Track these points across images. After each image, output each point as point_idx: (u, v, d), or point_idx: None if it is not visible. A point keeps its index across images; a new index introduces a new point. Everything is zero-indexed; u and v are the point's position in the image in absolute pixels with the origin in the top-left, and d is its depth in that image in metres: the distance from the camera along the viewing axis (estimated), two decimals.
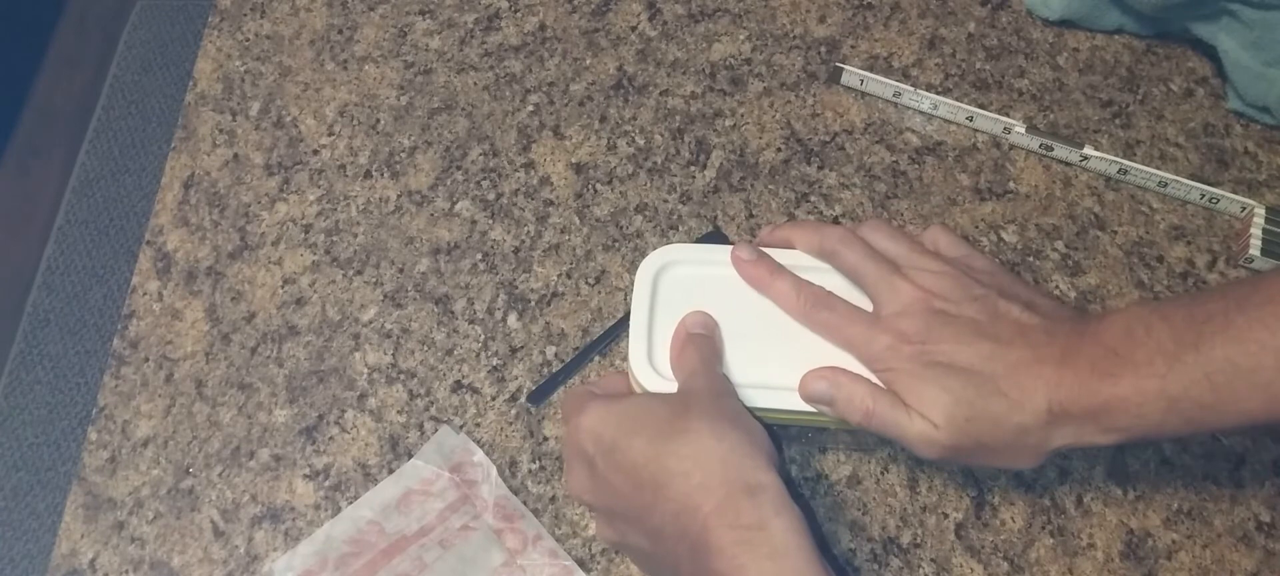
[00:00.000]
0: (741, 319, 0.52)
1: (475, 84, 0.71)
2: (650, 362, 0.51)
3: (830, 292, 0.50)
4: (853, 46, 0.71)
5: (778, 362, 0.51)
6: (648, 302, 0.53)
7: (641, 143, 0.68)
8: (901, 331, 0.47)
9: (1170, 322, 0.43)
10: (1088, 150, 0.64)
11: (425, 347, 0.61)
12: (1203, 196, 0.63)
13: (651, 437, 0.44)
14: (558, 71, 0.71)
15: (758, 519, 0.41)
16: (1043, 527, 0.54)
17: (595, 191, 0.66)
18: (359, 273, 0.64)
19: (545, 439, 0.58)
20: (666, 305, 0.53)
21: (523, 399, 0.59)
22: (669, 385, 0.50)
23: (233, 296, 0.64)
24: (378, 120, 0.70)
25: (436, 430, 0.58)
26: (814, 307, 0.50)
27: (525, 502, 0.56)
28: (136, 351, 0.62)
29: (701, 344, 0.50)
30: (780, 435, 0.56)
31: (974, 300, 0.47)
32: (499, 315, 0.62)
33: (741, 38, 0.72)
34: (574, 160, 0.67)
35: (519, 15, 0.73)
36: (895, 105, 0.68)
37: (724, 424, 0.44)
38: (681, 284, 0.54)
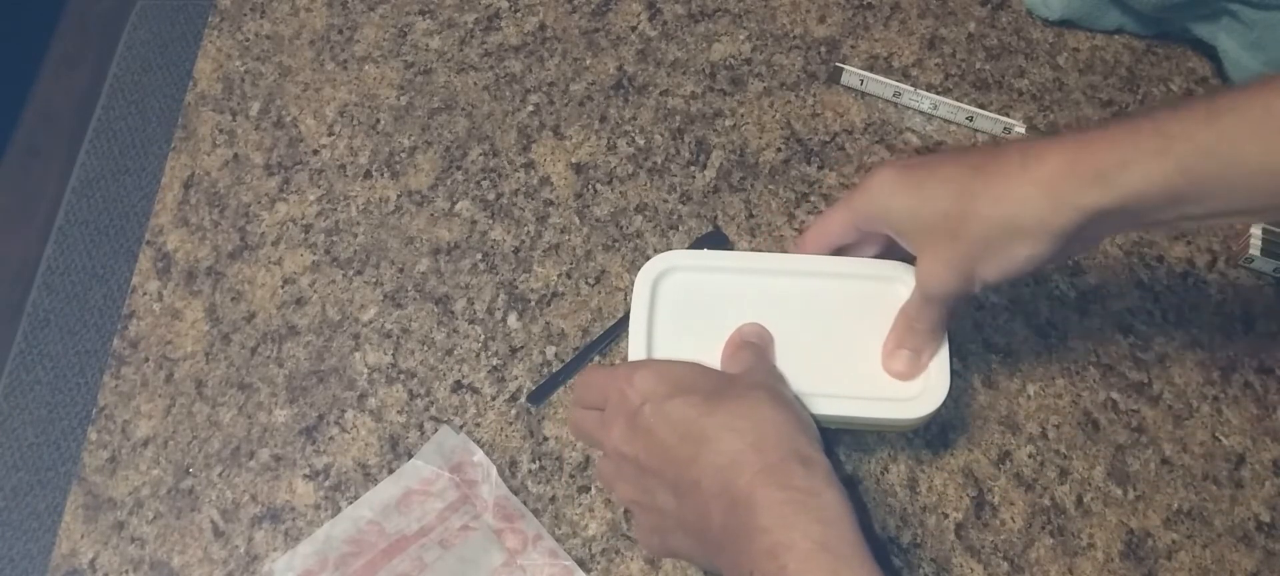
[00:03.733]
0: (739, 325, 0.52)
1: (475, 84, 0.71)
2: None
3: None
4: (853, 46, 0.71)
5: (779, 367, 0.51)
6: (647, 309, 0.53)
7: (641, 143, 0.68)
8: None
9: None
10: None
11: (425, 347, 0.61)
12: None
13: (707, 394, 0.44)
14: (558, 71, 0.71)
15: (810, 486, 0.41)
16: (1043, 527, 0.54)
17: (595, 191, 0.66)
18: (359, 273, 0.64)
19: (545, 439, 0.58)
20: (666, 311, 0.53)
21: (523, 399, 0.59)
22: None
23: (233, 296, 0.64)
24: (378, 120, 0.70)
25: (436, 430, 0.58)
26: None
27: (525, 502, 0.56)
28: (136, 351, 0.62)
29: (755, 350, 0.50)
30: None
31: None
32: (499, 315, 0.62)
33: (741, 38, 0.72)
34: (574, 160, 0.67)
35: (519, 15, 0.74)
36: (895, 105, 0.68)
37: (780, 400, 0.45)
38: (681, 290, 0.54)
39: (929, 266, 0.47)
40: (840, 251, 0.53)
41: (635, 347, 0.52)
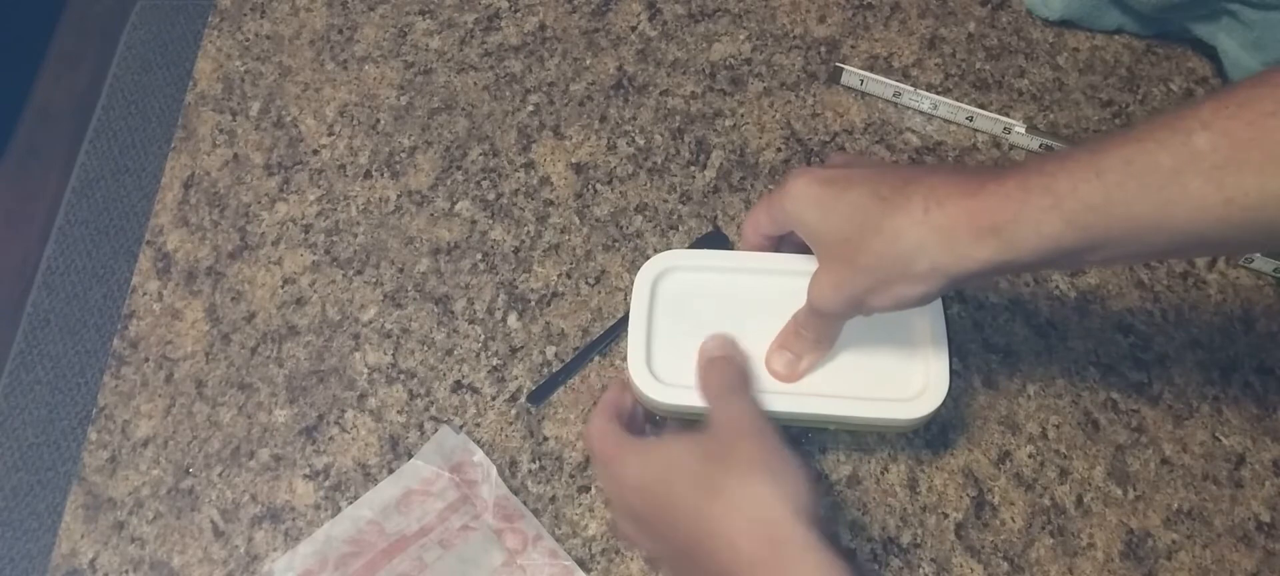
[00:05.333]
0: (738, 325, 0.52)
1: (475, 84, 0.71)
2: (649, 369, 0.51)
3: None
4: (853, 46, 0.71)
5: None
6: (646, 309, 0.53)
7: (641, 143, 0.68)
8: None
9: (1058, 153, 0.42)
10: None
11: (425, 347, 0.61)
12: None
13: (689, 495, 0.43)
14: (558, 71, 0.71)
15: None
16: (1043, 527, 0.54)
17: (595, 191, 0.66)
18: (359, 273, 0.64)
19: (545, 439, 0.58)
20: (665, 311, 0.53)
21: (523, 399, 0.59)
22: (668, 391, 0.50)
23: (233, 296, 0.64)
24: (378, 120, 0.70)
25: (436, 430, 0.58)
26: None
27: (525, 502, 0.56)
28: (136, 351, 0.62)
29: (723, 366, 0.50)
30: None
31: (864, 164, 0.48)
32: (499, 315, 0.62)
33: (741, 38, 0.72)
34: (574, 160, 0.67)
35: (519, 15, 0.74)
36: (895, 105, 0.68)
37: (754, 476, 0.43)
38: (680, 290, 0.54)
39: (821, 282, 0.47)
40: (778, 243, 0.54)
41: (634, 346, 0.52)
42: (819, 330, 0.50)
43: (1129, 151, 0.39)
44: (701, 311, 0.53)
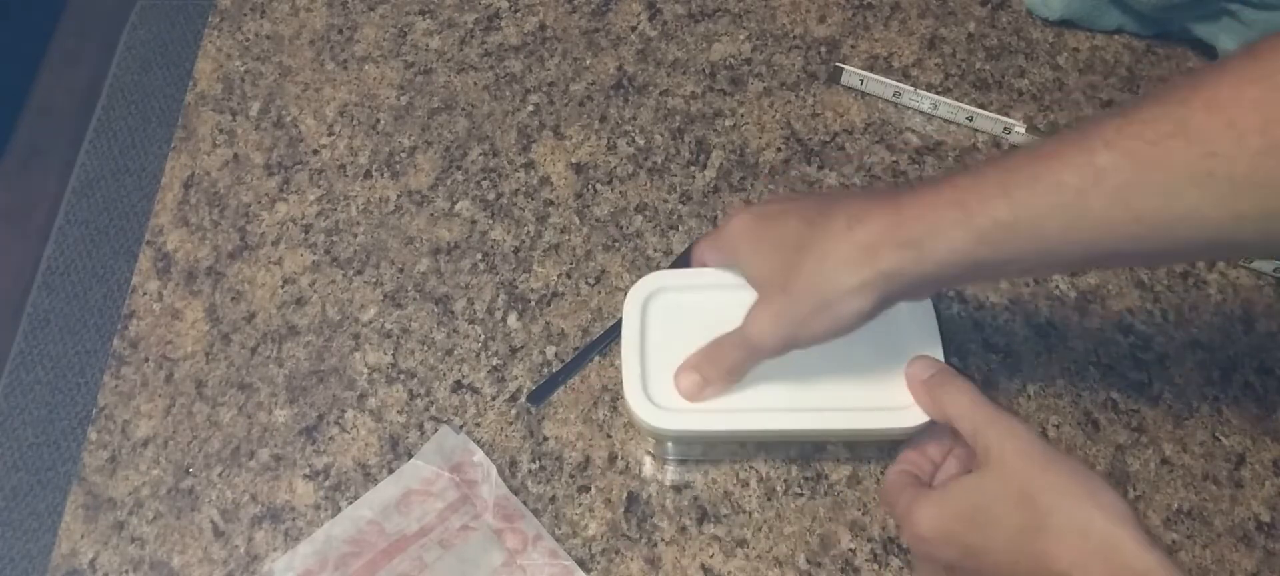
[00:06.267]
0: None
1: (475, 84, 0.71)
2: (645, 393, 0.51)
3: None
4: (853, 46, 0.71)
5: (769, 385, 0.51)
6: (638, 331, 0.52)
7: (641, 143, 0.68)
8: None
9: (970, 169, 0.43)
10: None
11: (425, 347, 0.61)
12: None
13: (1005, 539, 0.42)
14: (558, 71, 0.71)
15: None
16: None
17: (595, 191, 0.66)
18: (359, 272, 0.64)
19: (545, 439, 0.58)
20: (657, 335, 0.53)
21: (523, 399, 0.59)
22: (666, 416, 0.50)
23: (233, 296, 0.64)
24: (378, 120, 0.70)
25: (436, 430, 0.58)
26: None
27: (525, 502, 0.56)
28: (136, 351, 0.62)
29: (954, 383, 0.48)
30: (779, 450, 0.56)
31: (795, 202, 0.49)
32: (499, 315, 0.62)
33: (741, 38, 0.72)
34: (574, 160, 0.67)
35: (519, 15, 0.74)
36: (895, 105, 0.68)
37: (1074, 504, 0.41)
38: (670, 310, 0.53)
39: (758, 315, 0.47)
40: None
41: (629, 373, 0.51)
42: (735, 359, 0.49)
43: (1037, 169, 0.40)
44: (693, 332, 0.52)
